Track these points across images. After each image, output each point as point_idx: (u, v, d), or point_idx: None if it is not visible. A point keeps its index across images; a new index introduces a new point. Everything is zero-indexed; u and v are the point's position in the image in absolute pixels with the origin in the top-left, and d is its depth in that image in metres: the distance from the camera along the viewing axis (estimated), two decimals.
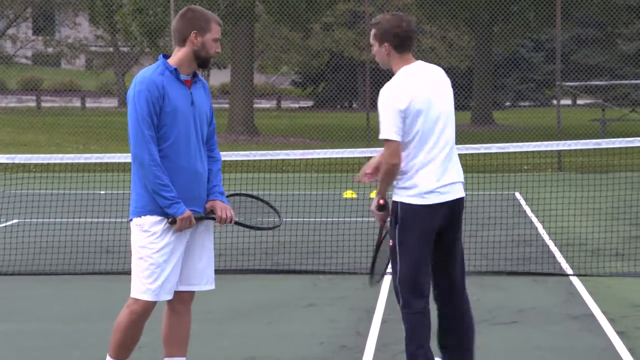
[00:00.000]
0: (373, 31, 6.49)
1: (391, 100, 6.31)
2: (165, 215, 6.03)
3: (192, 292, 6.35)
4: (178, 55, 6.13)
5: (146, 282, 6.09)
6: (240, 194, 6.65)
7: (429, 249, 6.38)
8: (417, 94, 6.34)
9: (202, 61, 6.16)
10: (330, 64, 48.18)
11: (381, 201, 6.46)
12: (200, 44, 6.11)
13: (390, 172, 6.31)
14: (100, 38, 52.89)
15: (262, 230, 6.63)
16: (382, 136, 6.35)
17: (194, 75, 6.22)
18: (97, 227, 13.35)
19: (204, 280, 6.31)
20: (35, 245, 12.05)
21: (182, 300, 6.30)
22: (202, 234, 6.29)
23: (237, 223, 6.42)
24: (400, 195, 6.37)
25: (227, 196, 6.47)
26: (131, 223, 6.13)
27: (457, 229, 6.50)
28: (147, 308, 6.18)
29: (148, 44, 33.55)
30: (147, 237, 6.07)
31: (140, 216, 6.07)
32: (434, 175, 6.36)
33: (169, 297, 6.19)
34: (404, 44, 6.43)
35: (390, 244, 6.48)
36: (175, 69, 6.09)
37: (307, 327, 8.44)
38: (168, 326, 6.35)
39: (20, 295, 9.92)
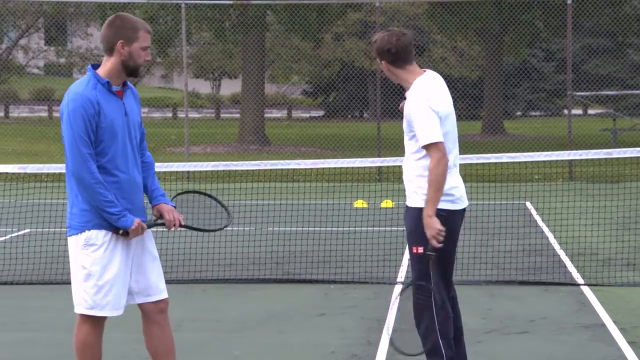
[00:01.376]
0: (375, 51, 6.61)
1: (426, 104, 6.39)
2: (111, 228, 5.92)
3: (167, 300, 6.23)
4: (107, 66, 5.98)
5: (95, 298, 5.96)
6: (187, 192, 6.53)
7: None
8: (442, 99, 6.48)
9: (130, 71, 6.00)
10: (341, 73, 48.22)
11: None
12: (128, 53, 5.95)
13: (444, 174, 6.35)
14: None
15: (210, 232, 6.50)
16: (428, 140, 6.36)
17: (124, 84, 6.08)
18: None
19: (159, 289, 6.19)
20: (47, 254, 12.07)
21: (160, 311, 6.18)
22: (149, 244, 6.18)
23: (184, 226, 6.30)
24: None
25: (175, 196, 6.37)
26: (73, 239, 5.97)
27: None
28: (99, 324, 6.07)
29: (158, 52, 33.64)
30: (92, 251, 5.93)
31: (83, 231, 5.93)
32: (458, 180, 6.55)
33: (121, 312, 6.06)
34: (400, 58, 6.50)
35: (420, 250, 6.49)
36: (108, 82, 5.94)
37: (318, 336, 8.43)
38: (154, 340, 6.22)
39: (32, 304, 9.94)
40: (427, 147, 6.36)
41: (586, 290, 10.19)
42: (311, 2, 28.78)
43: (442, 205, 6.40)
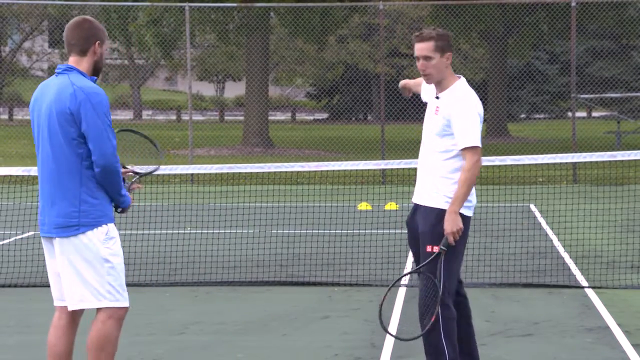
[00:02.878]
0: (433, 43, 6.59)
1: (476, 107, 6.53)
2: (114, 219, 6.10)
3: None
4: (85, 66, 6.03)
5: (120, 290, 6.02)
6: (124, 130, 6.62)
7: None
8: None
9: (97, 71, 6.10)
10: (344, 76, 48.24)
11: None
12: (100, 54, 6.07)
13: (476, 177, 6.46)
14: (116, 50, 53.09)
15: (147, 175, 6.59)
16: (470, 143, 6.44)
17: None
18: None
19: None
20: None
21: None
22: None
23: (139, 174, 6.47)
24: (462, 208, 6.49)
25: (118, 131, 6.38)
26: (88, 235, 5.94)
27: None
28: (123, 316, 6.10)
29: (162, 55, 33.66)
30: (113, 244, 6.00)
31: (100, 225, 5.96)
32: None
33: None
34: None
35: (435, 249, 6.51)
36: (95, 80, 6.06)
37: (321, 339, 8.44)
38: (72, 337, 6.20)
39: (37, 307, 9.94)
40: (466, 149, 6.41)
41: (590, 292, 10.19)
42: (315, 4, 28.79)
43: (461, 210, 6.44)
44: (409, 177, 22.74)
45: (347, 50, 47.57)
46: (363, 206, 17.23)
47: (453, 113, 6.46)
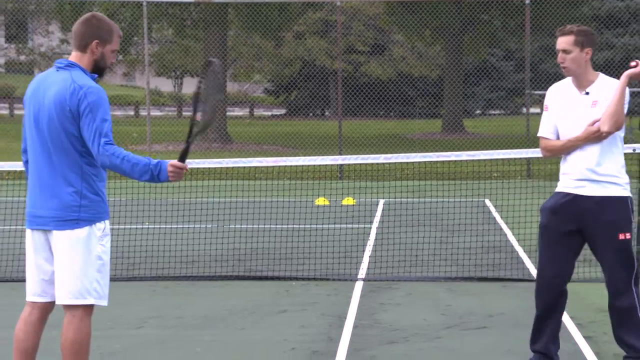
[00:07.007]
0: (573, 38, 6.89)
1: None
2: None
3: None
4: (84, 62, 6.00)
5: (105, 288, 6.00)
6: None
7: None
8: None
9: (99, 70, 6.05)
10: (302, 72, 48.21)
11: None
12: (100, 53, 6.01)
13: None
14: (65, 43, 52.70)
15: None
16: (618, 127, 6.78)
17: None
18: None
19: None
20: (7, 252, 11.97)
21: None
22: None
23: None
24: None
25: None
26: (84, 230, 5.91)
27: None
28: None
29: (120, 50, 33.48)
30: (106, 241, 6.00)
31: (97, 222, 5.95)
32: None
33: None
34: None
35: (628, 236, 6.81)
36: (95, 78, 6.02)
37: (279, 333, 8.46)
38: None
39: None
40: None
41: None
42: (273, 0, 28.76)
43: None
44: (366, 173, 22.83)
45: (304, 46, 47.56)
46: (320, 201, 17.27)
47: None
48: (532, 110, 28.04)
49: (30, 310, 6.14)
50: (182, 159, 6.08)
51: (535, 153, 11.99)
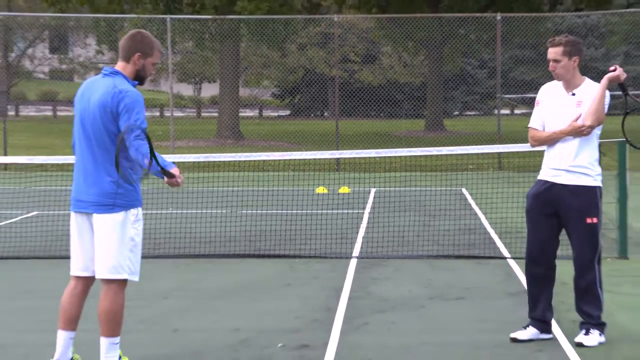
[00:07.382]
0: (562, 49, 6.81)
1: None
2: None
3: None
4: (127, 71, 6.02)
5: (137, 265, 6.04)
6: None
7: None
8: None
9: (139, 79, 6.07)
10: (304, 79, 48.11)
11: None
12: (141, 65, 6.03)
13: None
14: (100, 54, 52.64)
15: None
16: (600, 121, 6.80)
17: None
18: None
19: None
20: (52, 233, 12.01)
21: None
22: None
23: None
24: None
25: None
26: (120, 214, 5.92)
27: None
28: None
29: None
30: (139, 225, 6.02)
31: (131, 208, 5.97)
32: None
33: None
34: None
35: (595, 220, 6.78)
36: (136, 85, 6.05)
37: (284, 303, 8.46)
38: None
39: (39, 275, 9.89)
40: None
41: (512, 263, 10.28)
42: (279, 17, 28.73)
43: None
44: (359, 165, 22.81)
45: (306, 56, 47.45)
46: (320, 190, 17.26)
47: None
48: (503, 111, 28.02)
49: (74, 283, 6.17)
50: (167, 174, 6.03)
51: (505, 148, 12.01)
